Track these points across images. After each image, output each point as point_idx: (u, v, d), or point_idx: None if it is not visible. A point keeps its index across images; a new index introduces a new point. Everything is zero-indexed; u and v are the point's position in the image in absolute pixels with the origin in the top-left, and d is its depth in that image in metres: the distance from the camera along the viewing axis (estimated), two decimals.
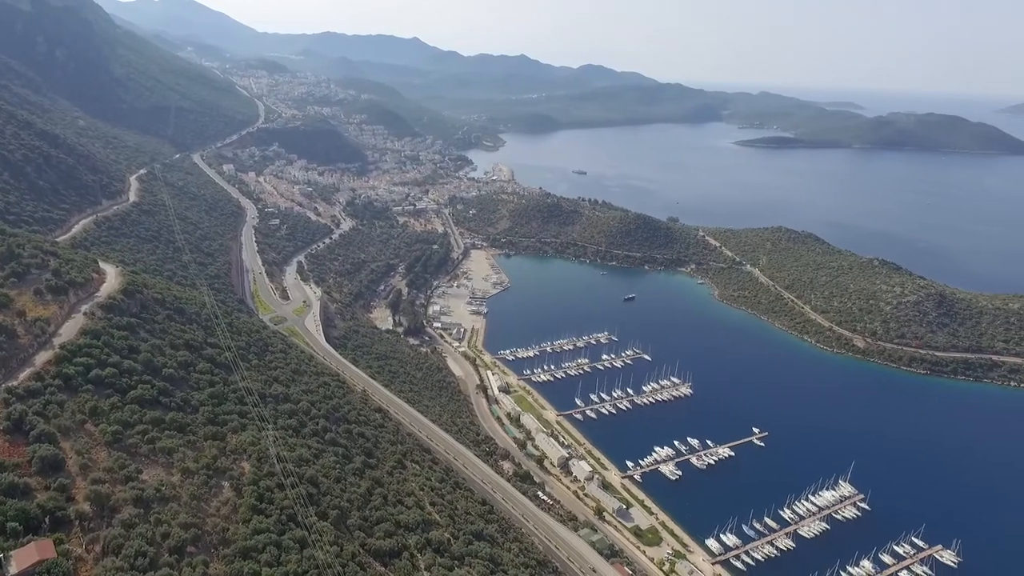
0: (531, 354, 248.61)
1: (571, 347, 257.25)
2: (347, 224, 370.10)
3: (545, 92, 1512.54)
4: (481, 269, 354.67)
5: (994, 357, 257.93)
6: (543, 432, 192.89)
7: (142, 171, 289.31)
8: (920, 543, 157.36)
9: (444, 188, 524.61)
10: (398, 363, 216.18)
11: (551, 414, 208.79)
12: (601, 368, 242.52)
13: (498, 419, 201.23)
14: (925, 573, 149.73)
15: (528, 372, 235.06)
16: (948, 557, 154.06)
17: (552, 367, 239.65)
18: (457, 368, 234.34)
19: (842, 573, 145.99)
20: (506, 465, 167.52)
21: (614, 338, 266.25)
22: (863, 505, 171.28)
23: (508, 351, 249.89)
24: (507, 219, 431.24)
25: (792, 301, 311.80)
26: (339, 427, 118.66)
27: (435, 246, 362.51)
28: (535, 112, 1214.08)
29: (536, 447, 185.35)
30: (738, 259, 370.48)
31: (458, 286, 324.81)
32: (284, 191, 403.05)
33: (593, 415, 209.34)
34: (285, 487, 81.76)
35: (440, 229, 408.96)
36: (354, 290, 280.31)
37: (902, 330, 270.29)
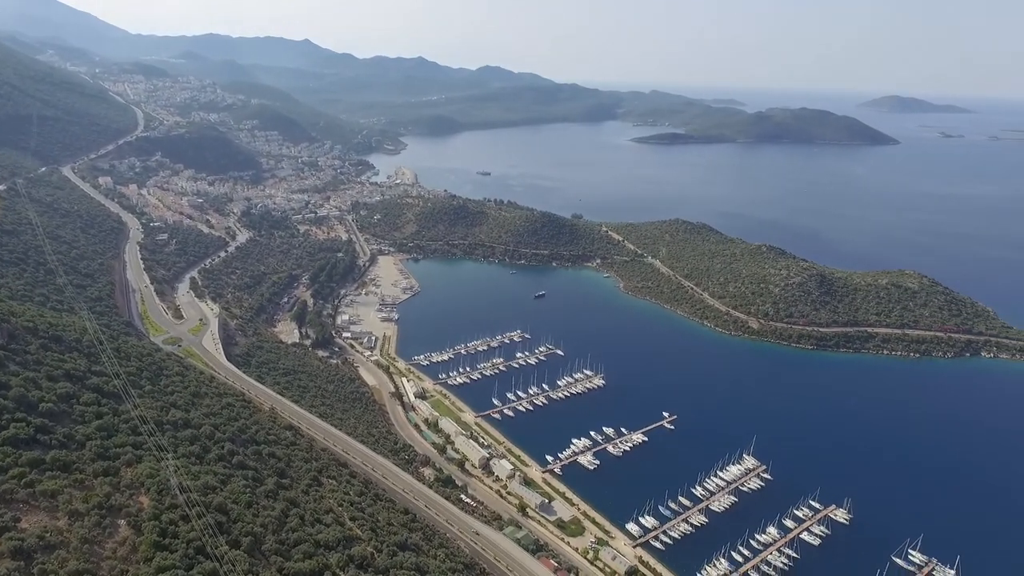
0: (446, 357, 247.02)
1: (485, 347, 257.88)
2: (243, 235, 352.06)
3: (445, 94, 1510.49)
4: (390, 275, 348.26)
5: (869, 329, 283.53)
6: (462, 435, 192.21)
7: (1, 187, 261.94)
8: (817, 505, 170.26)
9: (346, 194, 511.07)
10: (307, 377, 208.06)
11: (469, 416, 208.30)
12: (516, 366, 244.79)
13: (416, 426, 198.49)
14: (822, 532, 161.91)
15: (444, 376, 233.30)
16: (841, 515, 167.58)
17: (467, 369, 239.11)
18: (370, 377, 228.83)
19: (751, 541, 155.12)
20: (427, 471, 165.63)
21: (527, 336, 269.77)
22: (766, 476, 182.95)
23: (422, 356, 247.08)
24: (413, 223, 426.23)
25: (691, 289, 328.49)
26: (247, 449, 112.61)
27: (340, 254, 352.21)
28: (436, 114, 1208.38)
29: (456, 450, 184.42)
30: (640, 252, 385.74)
31: (367, 293, 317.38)
32: (171, 203, 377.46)
33: (511, 413, 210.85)
34: (191, 518, 76.45)
35: (344, 236, 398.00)
36: (255, 304, 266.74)
37: (790, 310, 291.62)
